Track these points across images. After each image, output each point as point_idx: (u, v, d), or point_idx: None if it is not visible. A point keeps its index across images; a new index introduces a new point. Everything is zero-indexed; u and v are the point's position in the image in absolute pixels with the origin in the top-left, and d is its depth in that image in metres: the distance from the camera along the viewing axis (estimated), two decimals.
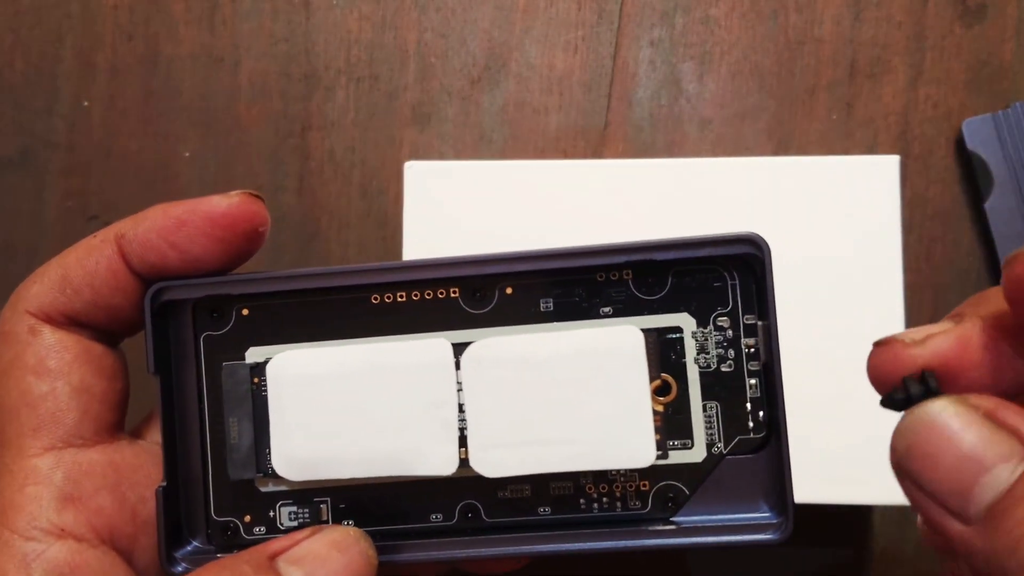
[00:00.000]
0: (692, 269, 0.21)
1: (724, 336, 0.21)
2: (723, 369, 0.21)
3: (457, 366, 0.21)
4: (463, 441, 0.21)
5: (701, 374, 0.21)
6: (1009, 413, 0.16)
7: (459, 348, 0.21)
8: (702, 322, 0.21)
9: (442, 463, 0.21)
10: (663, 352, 0.21)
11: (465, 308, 0.22)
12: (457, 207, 0.38)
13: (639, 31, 0.39)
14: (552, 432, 0.21)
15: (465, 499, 0.22)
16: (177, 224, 0.21)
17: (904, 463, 0.17)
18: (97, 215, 0.40)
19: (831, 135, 0.38)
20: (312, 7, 0.40)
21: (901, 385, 0.18)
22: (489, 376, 0.21)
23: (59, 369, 0.21)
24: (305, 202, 0.40)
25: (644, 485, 0.22)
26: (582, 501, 0.22)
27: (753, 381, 0.21)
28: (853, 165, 0.37)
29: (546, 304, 0.22)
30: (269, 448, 0.22)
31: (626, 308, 0.21)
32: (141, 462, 0.22)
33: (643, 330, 0.21)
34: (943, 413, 0.17)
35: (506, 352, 0.21)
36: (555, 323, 0.21)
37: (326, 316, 0.22)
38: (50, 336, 0.21)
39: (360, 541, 0.20)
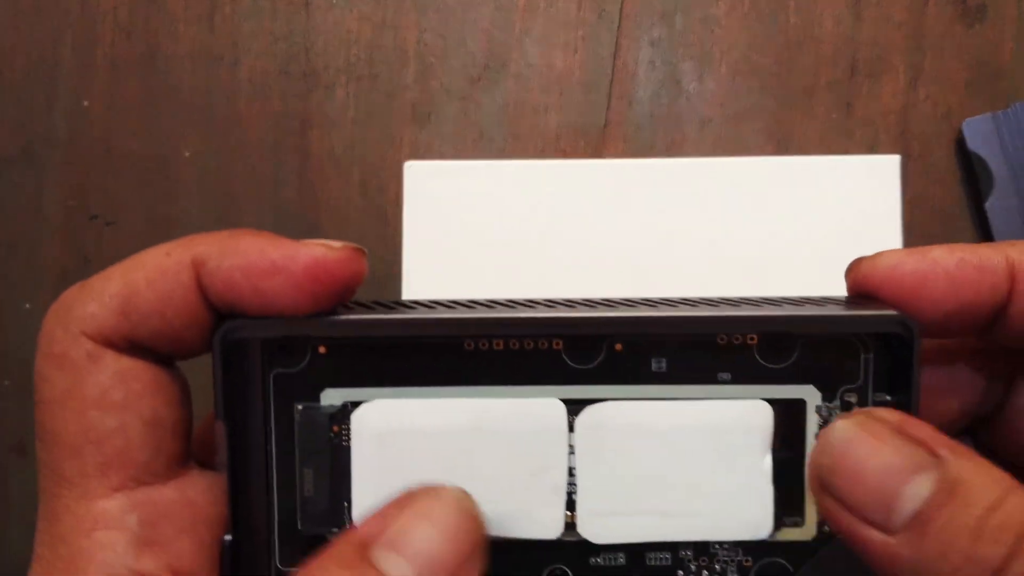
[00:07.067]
0: (824, 340, 0.20)
1: None
2: None
3: (570, 428, 0.19)
4: (570, 504, 0.20)
5: None
6: (915, 426, 0.17)
7: (567, 403, 0.20)
8: (828, 396, 0.20)
9: (549, 527, 0.20)
10: (784, 422, 0.20)
11: (569, 363, 0.20)
12: (457, 207, 0.38)
13: (639, 31, 0.39)
14: (666, 502, 0.20)
15: (555, 563, 0.20)
16: (271, 269, 0.19)
17: (828, 480, 0.17)
18: (98, 214, 0.40)
19: (831, 135, 0.38)
20: (312, 6, 0.40)
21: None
22: (604, 443, 0.19)
23: (127, 402, 0.18)
24: (305, 200, 0.40)
25: (747, 561, 0.20)
26: (680, 573, 0.20)
27: None
28: (853, 165, 0.37)
29: (659, 364, 0.20)
30: (349, 502, 0.20)
31: (747, 375, 0.20)
32: (214, 496, 0.20)
33: (767, 400, 0.19)
34: (859, 428, 0.17)
35: (624, 419, 0.19)
36: (668, 386, 0.20)
37: (413, 359, 0.20)
38: (113, 364, 0.18)
39: (462, 500, 0.18)
